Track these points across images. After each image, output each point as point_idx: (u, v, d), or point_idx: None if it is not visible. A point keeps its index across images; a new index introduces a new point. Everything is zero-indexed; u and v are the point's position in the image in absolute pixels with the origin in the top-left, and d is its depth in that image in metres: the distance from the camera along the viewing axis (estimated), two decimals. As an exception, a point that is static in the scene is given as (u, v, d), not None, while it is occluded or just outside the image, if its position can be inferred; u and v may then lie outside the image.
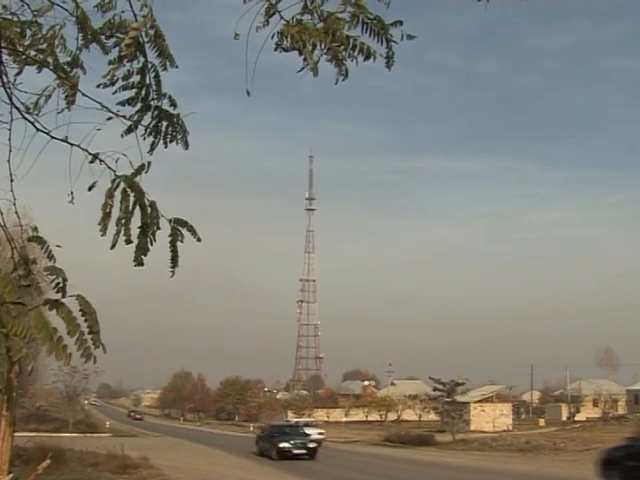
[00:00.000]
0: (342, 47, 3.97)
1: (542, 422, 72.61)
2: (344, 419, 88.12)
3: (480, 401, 69.47)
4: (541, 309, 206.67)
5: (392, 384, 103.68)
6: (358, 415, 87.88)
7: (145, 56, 4.39)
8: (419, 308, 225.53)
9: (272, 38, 4.01)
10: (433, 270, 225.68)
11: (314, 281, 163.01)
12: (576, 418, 75.87)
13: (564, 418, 78.33)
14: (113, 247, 4.40)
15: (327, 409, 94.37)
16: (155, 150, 4.61)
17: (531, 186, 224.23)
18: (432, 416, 74.67)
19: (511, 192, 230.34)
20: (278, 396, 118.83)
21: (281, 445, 33.16)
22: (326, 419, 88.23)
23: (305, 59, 3.94)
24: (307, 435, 36.28)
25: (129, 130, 4.61)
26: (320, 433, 53.49)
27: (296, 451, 32.79)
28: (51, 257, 4.84)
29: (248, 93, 4.12)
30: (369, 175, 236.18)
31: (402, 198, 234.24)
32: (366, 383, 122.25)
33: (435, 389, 70.75)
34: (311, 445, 33.62)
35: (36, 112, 4.76)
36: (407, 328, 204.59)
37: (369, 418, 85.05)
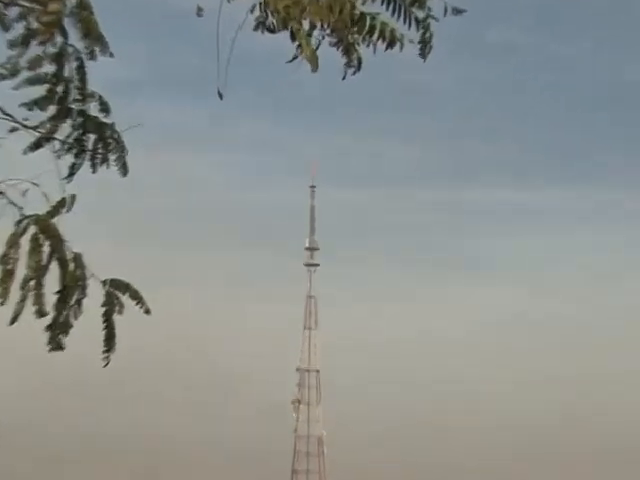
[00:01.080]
0: (354, 29, 3.48)
1: None
2: None
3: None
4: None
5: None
6: None
7: (65, 37, 3.76)
8: (472, 411, 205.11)
9: (252, 13, 3.62)
10: (487, 348, 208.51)
11: (317, 372, 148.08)
12: None
13: None
14: (13, 322, 3.78)
15: None
16: (78, 176, 4.10)
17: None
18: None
19: (607, 237, 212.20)
20: None
21: None
22: None
23: (299, 45, 3.49)
24: None
25: (37, 145, 4.01)
26: None
27: None
28: None
29: (220, 96, 3.66)
30: (394, 213, 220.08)
31: (442, 246, 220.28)
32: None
33: None
34: None
35: None
36: (450, 438, 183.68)
37: None
